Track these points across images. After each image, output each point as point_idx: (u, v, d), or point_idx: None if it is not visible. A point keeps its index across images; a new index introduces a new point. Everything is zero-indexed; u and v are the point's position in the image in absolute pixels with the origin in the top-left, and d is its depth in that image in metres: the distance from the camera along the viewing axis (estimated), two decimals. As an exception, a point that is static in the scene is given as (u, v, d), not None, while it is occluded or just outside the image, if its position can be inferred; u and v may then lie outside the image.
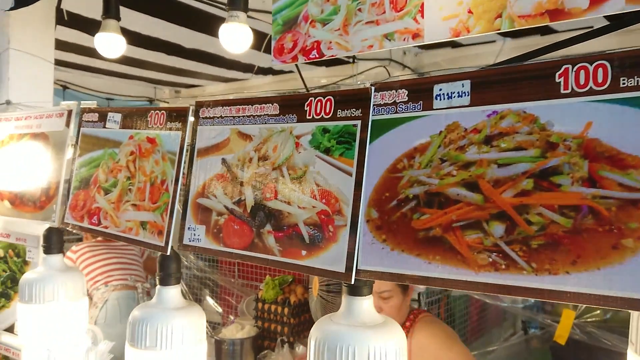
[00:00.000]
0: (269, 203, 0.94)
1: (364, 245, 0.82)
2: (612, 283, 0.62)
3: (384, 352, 0.82)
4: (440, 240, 0.76)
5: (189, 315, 1.09)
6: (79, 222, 1.27)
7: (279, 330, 3.52)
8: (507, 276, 0.69)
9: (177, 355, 1.06)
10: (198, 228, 1.04)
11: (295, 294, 3.60)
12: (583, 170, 0.66)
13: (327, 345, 0.83)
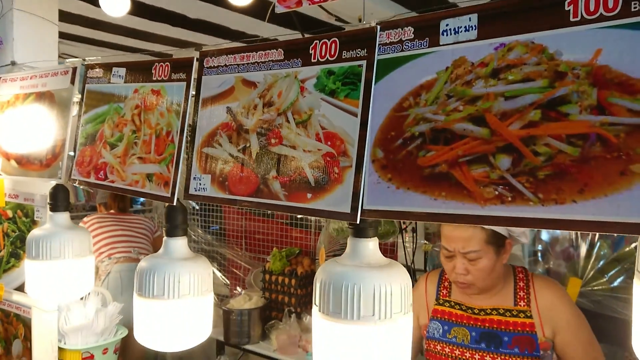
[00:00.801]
0: (274, 149, 0.94)
1: (369, 185, 0.82)
2: (619, 209, 0.62)
3: (389, 291, 0.82)
4: (446, 176, 0.75)
5: (195, 265, 1.10)
6: (86, 178, 1.27)
7: (286, 301, 3.55)
8: (514, 208, 0.69)
9: (184, 304, 1.07)
10: (204, 177, 1.04)
11: (302, 265, 3.63)
12: (592, 98, 0.65)
13: (333, 285, 0.83)
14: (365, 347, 0.82)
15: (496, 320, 1.60)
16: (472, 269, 1.56)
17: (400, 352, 0.85)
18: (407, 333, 0.86)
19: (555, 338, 1.57)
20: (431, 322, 1.70)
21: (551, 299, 1.60)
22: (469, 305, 1.66)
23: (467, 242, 1.53)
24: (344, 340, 0.83)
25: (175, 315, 1.07)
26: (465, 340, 1.62)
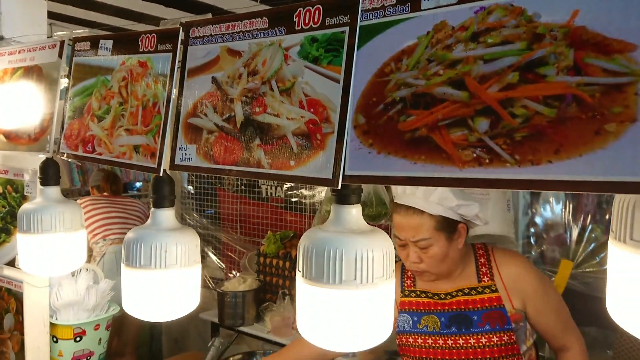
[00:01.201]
0: (259, 117, 0.94)
1: (351, 150, 0.83)
2: (593, 168, 0.63)
3: (370, 256, 0.83)
4: (426, 140, 0.76)
5: (182, 236, 1.11)
6: (74, 151, 1.28)
7: (280, 284, 3.57)
8: (491, 170, 0.70)
9: (172, 274, 1.09)
10: (189, 148, 1.04)
11: (296, 248, 3.64)
12: (568, 59, 0.66)
13: (316, 250, 0.84)
14: (348, 311, 0.83)
15: (463, 301, 1.60)
16: (424, 256, 1.55)
17: (382, 315, 0.86)
18: (389, 297, 0.87)
19: (527, 308, 1.59)
20: (400, 315, 1.68)
21: (515, 270, 1.60)
22: (434, 291, 1.65)
23: (417, 231, 1.51)
24: (326, 305, 0.84)
25: (163, 285, 1.08)
26: (435, 327, 1.61)
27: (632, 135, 0.61)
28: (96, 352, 1.78)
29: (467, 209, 1.54)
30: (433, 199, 1.51)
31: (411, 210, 1.52)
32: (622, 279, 0.65)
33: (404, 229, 1.55)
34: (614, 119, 0.62)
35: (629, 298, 0.64)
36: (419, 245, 1.53)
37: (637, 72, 0.61)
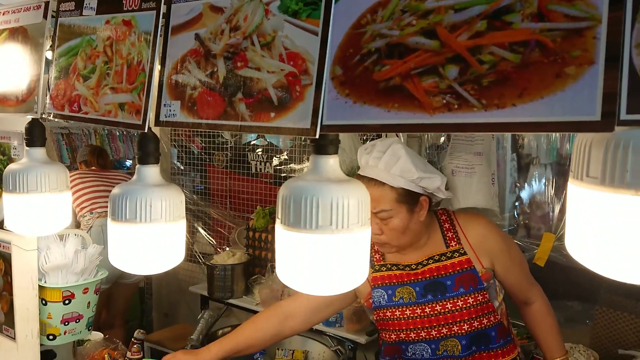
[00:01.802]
0: (240, 72, 0.96)
1: (328, 101, 0.86)
2: (554, 109, 0.66)
3: (345, 204, 0.86)
4: (399, 88, 0.79)
5: (167, 192, 1.13)
6: (60, 111, 1.29)
7: (269, 257, 3.62)
8: (459, 115, 0.73)
9: (156, 228, 1.11)
10: (173, 104, 1.06)
11: (285, 223, 3.68)
12: (533, 6, 0.69)
13: (293, 198, 0.87)
14: (324, 255, 0.87)
15: (434, 268, 1.64)
16: (385, 228, 1.56)
17: (357, 260, 0.90)
18: (364, 243, 0.91)
19: (495, 266, 1.65)
20: (374, 291, 1.69)
21: (480, 231, 1.66)
22: (405, 263, 1.68)
23: (378, 202, 1.52)
24: (303, 249, 0.88)
25: (148, 239, 1.11)
26: (411, 297, 1.64)
27: (589, 77, 0.64)
28: (85, 315, 1.82)
29: (429, 181, 1.56)
30: (394, 171, 1.52)
31: (372, 182, 1.53)
32: (579, 215, 0.69)
33: None
34: (574, 63, 0.65)
35: (585, 233, 0.68)
36: (379, 216, 1.55)
37: (596, 17, 0.64)
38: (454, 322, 1.60)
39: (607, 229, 0.65)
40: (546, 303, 1.77)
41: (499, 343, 1.63)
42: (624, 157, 0.62)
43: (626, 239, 0.64)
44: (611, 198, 0.63)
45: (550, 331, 1.77)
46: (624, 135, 0.62)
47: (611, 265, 0.66)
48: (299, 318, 1.78)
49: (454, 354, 1.60)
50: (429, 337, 1.62)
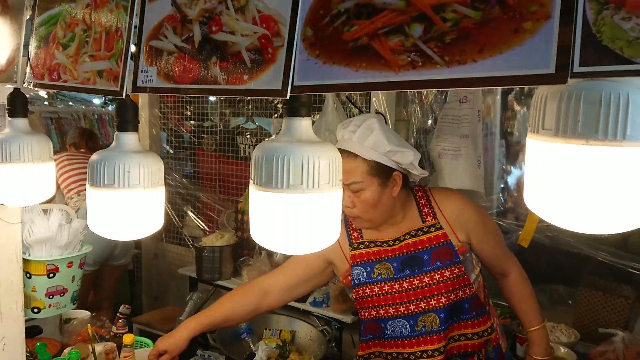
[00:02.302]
0: (215, 36, 0.98)
1: (299, 62, 0.87)
2: (512, 64, 0.68)
3: (316, 164, 0.88)
4: (367, 48, 0.80)
5: (145, 158, 1.15)
6: (40, 80, 1.30)
7: (257, 240, 3.64)
8: (423, 72, 0.75)
9: (135, 194, 1.13)
10: (150, 70, 1.08)
11: (273, 206, 3.70)
12: (494, -37, 0.70)
13: (266, 158, 0.89)
14: (296, 214, 0.89)
15: (412, 243, 1.67)
16: (356, 201, 1.59)
17: (328, 220, 0.92)
18: (335, 204, 0.93)
19: (471, 239, 1.68)
20: (353, 268, 1.72)
21: (455, 206, 1.69)
22: (382, 239, 1.71)
23: (350, 174, 1.55)
24: (276, 208, 0.90)
25: (126, 204, 1.13)
26: (389, 273, 1.67)
27: (545, 32, 0.66)
28: (70, 289, 1.84)
29: (402, 155, 1.58)
30: (367, 144, 1.55)
31: (346, 154, 1.55)
32: (535, 168, 0.71)
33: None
34: (531, 17, 0.67)
35: (541, 185, 0.71)
36: (351, 188, 1.57)
37: (552, -28, 0.66)
38: (432, 295, 1.63)
39: (561, 180, 0.67)
40: (522, 274, 1.82)
41: (470, 315, 1.67)
42: (575, 108, 0.64)
43: (578, 189, 0.66)
44: (564, 149, 0.65)
45: (527, 300, 1.82)
46: (576, 86, 0.64)
47: (565, 216, 0.69)
48: (277, 294, 1.81)
49: (432, 328, 1.63)
50: (408, 312, 1.65)
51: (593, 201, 0.66)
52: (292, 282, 1.81)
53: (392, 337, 1.68)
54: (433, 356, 1.63)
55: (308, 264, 1.80)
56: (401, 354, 1.67)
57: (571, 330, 2.81)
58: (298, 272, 1.81)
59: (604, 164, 0.63)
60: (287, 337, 2.85)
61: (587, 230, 0.68)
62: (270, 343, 2.80)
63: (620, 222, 0.66)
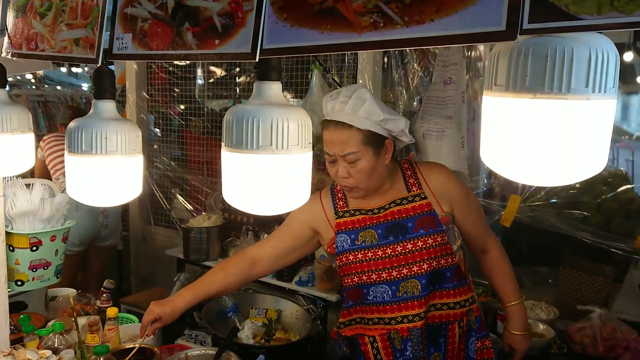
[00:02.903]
0: (188, 2, 0.99)
1: (268, 25, 0.89)
2: (466, 23, 0.71)
3: (285, 125, 0.91)
4: (332, 10, 0.83)
5: (122, 125, 1.17)
6: (18, 50, 1.31)
7: (244, 221, 3.67)
8: (384, 32, 0.77)
9: (112, 161, 1.15)
10: (125, 37, 1.09)
11: (260, 188, 3.72)
12: None
13: (236, 120, 0.92)
14: (266, 175, 0.92)
15: (396, 211, 1.70)
16: (352, 171, 1.61)
17: (298, 181, 0.95)
18: (305, 166, 0.96)
19: (454, 211, 1.72)
20: (337, 236, 1.75)
21: (440, 178, 1.74)
22: (367, 208, 1.74)
23: (345, 145, 1.58)
24: (246, 169, 0.92)
25: (104, 171, 1.15)
26: (373, 240, 1.70)
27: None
28: (53, 262, 1.86)
29: (394, 123, 1.61)
30: (361, 114, 1.57)
31: (339, 125, 1.59)
32: (489, 123, 0.74)
33: (333, 144, 1.61)
34: (484, -22, 0.70)
35: (495, 140, 0.74)
36: (347, 159, 1.60)
37: None
38: (414, 262, 1.66)
39: (513, 134, 0.70)
40: (502, 251, 1.86)
41: (452, 284, 1.71)
42: (524, 64, 0.67)
43: (529, 142, 0.69)
44: (514, 103, 0.68)
45: (505, 276, 1.87)
46: (525, 43, 0.67)
47: (518, 169, 0.72)
48: (265, 263, 1.84)
49: (413, 294, 1.67)
50: (390, 278, 1.68)
51: (543, 154, 0.69)
52: (279, 252, 1.84)
53: (374, 302, 1.72)
54: (413, 321, 1.66)
55: (294, 233, 1.83)
56: (382, 319, 1.71)
57: (551, 307, 2.87)
58: (284, 241, 1.84)
59: (551, 116, 0.66)
60: (273, 316, 2.89)
61: (538, 182, 0.71)
62: (256, 322, 2.84)
63: (569, 173, 0.69)
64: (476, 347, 1.76)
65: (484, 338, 1.78)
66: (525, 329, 1.87)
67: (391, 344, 1.70)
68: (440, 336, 1.71)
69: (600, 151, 0.69)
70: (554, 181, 0.71)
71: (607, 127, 0.68)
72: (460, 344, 1.74)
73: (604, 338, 2.48)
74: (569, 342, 2.57)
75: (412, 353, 1.68)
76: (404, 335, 1.68)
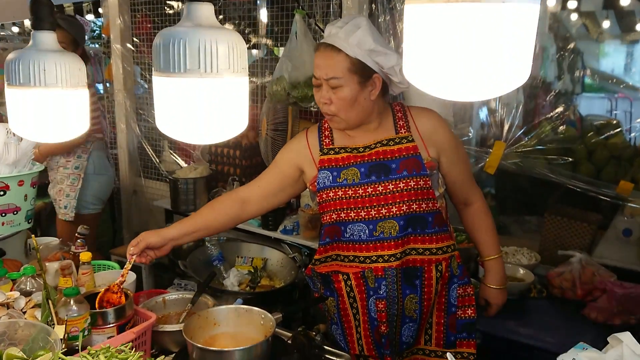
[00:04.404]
0: None
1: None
2: None
3: (214, 48, 0.87)
4: None
5: (63, 57, 1.13)
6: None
7: (231, 172, 3.66)
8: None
9: (52, 94, 1.12)
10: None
11: (247, 138, 3.70)
12: None
13: (163, 43, 0.88)
14: (196, 100, 0.89)
15: (382, 152, 1.67)
16: (334, 97, 1.60)
17: (230, 107, 0.91)
18: (239, 91, 0.92)
19: (441, 158, 1.69)
20: (319, 172, 1.72)
21: (430, 123, 1.70)
22: (353, 146, 1.71)
23: (331, 68, 1.57)
24: (175, 95, 0.89)
25: (44, 104, 1.12)
26: (355, 178, 1.68)
27: None
28: (23, 207, 1.85)
29: (385, 58, 1.57)
30: (352, 41, 1.55)
31: (329, 48, 1.57)
32: (409, 36, 0.70)
33: (320, 67, 1.60)
34: None
35: (415, 52, 0.70)
36: (330, 84, 1.58)
37: None
38: (394, 202, 1.64)
39: (429, 44, 0.66)
40: (485, 204, 1.84)
41: (434, 229, 1.69)
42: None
43: (445, 52, 0.65)
44: (429, 10, 0.64)
45: (487, 231, 1.85)
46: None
47: (436, 82, 0.68)
48: (255, 203, 1.83)
49: (390, 234, 1.65)
50: (368, 217, 1.66)
51: (460, 64, 0.65)
52: (268, 192, 1.83)
53: (350, 240, 1.70)
54: (389, 261, 1.66)
55: (281, 172, 1.82)
56: (357, 257, 1.70)
57: (533, 253, 2.88)
58: (272, 181, 1.83)
59: (466, 22, 0.62)
60: (258, 264, 2.91)
61: (458, 96, 0.68)
62: (242, 270, 2.87)
63: (489, 85, 0.66)
64: (457, 293, 1.75)
65: (466, 285, 1.77)
66: (502, 284, 1.86)
67: (365, 282, 1.70)
68: (416, 277, 1.70)
69: (522, 61, 0.65)
70: (475, 94, 0.67)
71: (528, 34, 0.64)
72: (441, 290, 1.74)
73: (583, 282, 2.49)
74: (548, 286, 2.59)
75: (385, 292, 1.68)
76: (378, 275, 1.67)
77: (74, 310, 1.49)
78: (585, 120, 3.99)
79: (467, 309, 1.76)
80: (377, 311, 1.69)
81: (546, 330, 2.24)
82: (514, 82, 0.66)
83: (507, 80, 0.66)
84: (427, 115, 1.73)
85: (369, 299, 1.70)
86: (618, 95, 4.91)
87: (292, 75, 2.87)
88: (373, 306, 1.69)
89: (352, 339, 1.79)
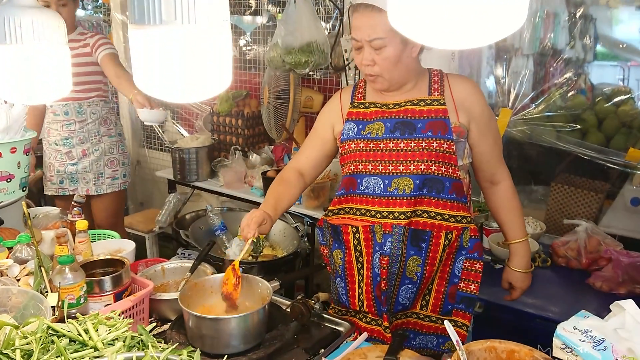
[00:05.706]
0: None
1: None
2: None
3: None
4: None
5: (41, 13, 1.08)
6: None
7: (233, 142, 3.61)
8: None
9: (28, 50, 1.07)
10: None
11: (249, 107, 3.64)
12: None
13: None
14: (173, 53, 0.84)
15: (410, 110, 1.63)
16: (377, 58, 1.55)
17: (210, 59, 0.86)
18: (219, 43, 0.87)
19: (471, 125, 1.64)
20: (345, 124, 1.70)
21: (466, 90, 1.64)
22: (383, 102, 1.68)
23: (373, 29, 1.51)
24: (151, 47, 0.84)
25: (21, 62, 1.07)
26: (379, 133, 1.65)
27: None
28: (17, 175, 1.83)
29: None
30: None
31: (369, 8, 1.51)
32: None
33: (360, 29, 1.54)
34: None
35: None
36: (373, 45, 1.53)
37: None
38: (413, 160, 1.61)
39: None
40: (512, 185, 1.78)
41: (451, 195, 1.63)
42: None
43: None
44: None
45: (514, 212, 1.78)
46: None
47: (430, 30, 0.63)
48: (308, 174, 1.86)
49: (404, 192, 1.62)
50: (385, 172, 1.64)
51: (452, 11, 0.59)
52: (315, 161, 1.84)
53: (365, 193, 1.69)
54: (399, 219, 1.63)
55: (321, 138, 1.82)
56: (369, 211, 1.68)
57: (538, 222, 2.83)
58: (315, 149, 1.84)
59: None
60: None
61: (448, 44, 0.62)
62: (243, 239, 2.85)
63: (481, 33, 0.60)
64: (464, 266, 1.69)
65: (475, 260, 1.69)
66: (527, 267, 1.79)
67: (373, 237, 1.68)
68: (423, 241, 1.66)
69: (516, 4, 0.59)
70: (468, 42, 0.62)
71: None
72: (447, 260, 1.69)
73: (588, 251, 2.44)
74: (552, 255, 2.55)
75: (390, 249, 1.64)
76: (386, 230, 1.65)
77: (69, 278, 1.47)
78: (596, 89, 3.88)
79: (471, 284, 1.72)
80: (380, 267, 1.67)
81: (550, 299, 2.20)
82: (508, 28, 0.60)
83: (499, 28, 0.60)
84: (464, 82, 1.68)
85: (374, 254, 1.69)
86: (631, 63, 4.77)
87: (285, 40, 2.78)
88: (377, 262, 1.68)
89: (353, 294, 1.77)
